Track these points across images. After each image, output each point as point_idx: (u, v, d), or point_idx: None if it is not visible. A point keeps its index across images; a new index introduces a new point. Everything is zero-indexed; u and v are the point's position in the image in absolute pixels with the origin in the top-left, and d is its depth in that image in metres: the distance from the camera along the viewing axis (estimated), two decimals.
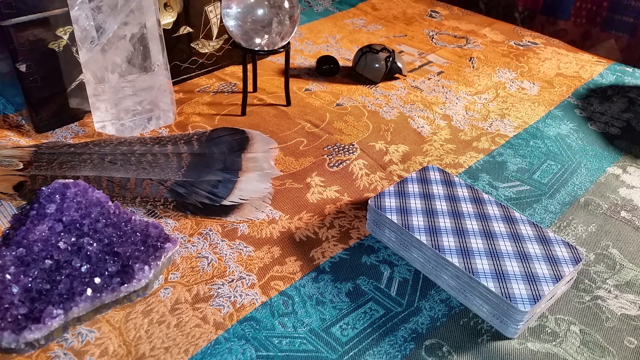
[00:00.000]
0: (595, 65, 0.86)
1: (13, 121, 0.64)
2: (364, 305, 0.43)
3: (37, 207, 0.44)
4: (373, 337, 0.41)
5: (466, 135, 0.67)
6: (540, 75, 0.82)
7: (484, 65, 0.84)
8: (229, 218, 0.51)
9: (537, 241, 0.45)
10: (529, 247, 0.44)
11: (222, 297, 0.43)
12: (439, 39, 0.93)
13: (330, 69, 0.78)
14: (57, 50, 0.59)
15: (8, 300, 0.38)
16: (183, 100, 0.71)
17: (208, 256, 0.47)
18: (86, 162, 0.54)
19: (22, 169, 0.54)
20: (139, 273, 0.42)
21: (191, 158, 0.57)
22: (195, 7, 0.71)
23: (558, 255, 0.43)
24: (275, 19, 0.60)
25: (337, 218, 0.52)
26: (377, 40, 0.92)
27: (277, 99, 0.72)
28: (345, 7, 1.06)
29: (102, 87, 0.59)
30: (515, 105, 0.74)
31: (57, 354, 0.39)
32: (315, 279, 0.45)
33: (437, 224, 0.46)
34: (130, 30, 0.57)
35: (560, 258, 0.43)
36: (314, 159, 0.61)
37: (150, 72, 0.61)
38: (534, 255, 0.43)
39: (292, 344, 0.40)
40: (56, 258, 0.41)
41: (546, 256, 0.43)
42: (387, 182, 0.57)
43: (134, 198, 0.52)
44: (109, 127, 0.62)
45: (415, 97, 0.74)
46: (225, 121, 0.67)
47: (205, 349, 0.39)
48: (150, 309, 0.42)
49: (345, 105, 0.72)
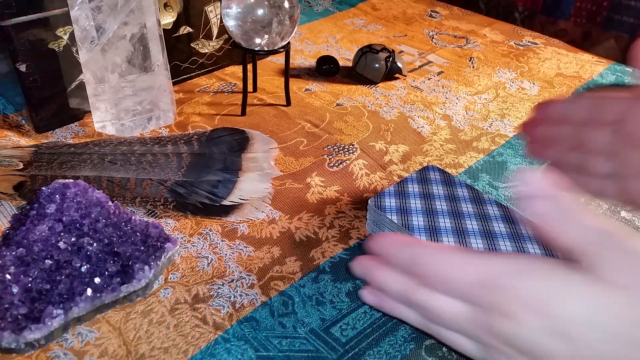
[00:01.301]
0: (595, 65, 0.86)
1: (13, 121, 0.64)
2: (364, 305, 0.43)
3: (37, 207, 0.44)
4: (373, 337, 0.41)
5: (466, 135, 0.67)
6: (540, 75, 0.82)
7: (484, 65, 0.84)
8: (229, 218, 0.51)
9: (538, 242, 0.45)
10: (529, 248, 0.44)
11: (222, 298, 0.43)
12: (439, 39, 0.93)
13: (330, 69, 0.78)
14: (57, 50, 0.59)
15: (8, 300, 0.38)
16: (183, 100, 0.71)
17: (208, 256, 0.47)
18: (86, 162, 0.54)
19: (22, 169, 0.54)
20: (139, 273, 0.42)
21: (191, 158, 0.57)
22: (195, 7, 0.71)
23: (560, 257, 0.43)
24: (275, 19, 0.60)
25: (337, 218, 0.52)
26: (377, 40, 0.92)
27: (277, 99, 0.72)
28: (345, 7, 1.06)
29: (102, 87, 0.59)
30: (516, 105, 0.74)
31: (57, 354, 0.39)
32: (315, 279, 0.45)
33: (437, 223, 0.46)
34: (130, 30, 0.57)
35: (562, 259, 0.43)
36: (314, 159, 0.61)
37: (150, 72, 0.61)
38: None
39: (292, 344, 0.40)
40: (56, 258, 0.41)
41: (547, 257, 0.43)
42: (387, 182, 0.57)
43: (134, 198, 0.52)
44: (109, 127, 0.62)
45: (415, 97, 0.74)
46: (225, 121, 0.67)
47: (204, 349, 0.39)
48: (150, 309, 0.42)
49: (345, 105, 0.72)
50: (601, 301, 0.25)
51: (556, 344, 0.25)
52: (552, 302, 0.25)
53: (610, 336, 0.24)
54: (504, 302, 0.27)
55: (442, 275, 0.29)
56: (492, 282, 0.28)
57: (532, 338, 0.26)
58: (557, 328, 0.25)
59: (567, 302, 0.25)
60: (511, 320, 0.27)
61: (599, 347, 0.24)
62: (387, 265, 0.32)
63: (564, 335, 0.25)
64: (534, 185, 0.28)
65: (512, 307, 0.26)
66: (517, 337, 0.27)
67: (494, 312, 0.27)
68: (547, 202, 0.28)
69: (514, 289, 0.27)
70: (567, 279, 0.26)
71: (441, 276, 0.29)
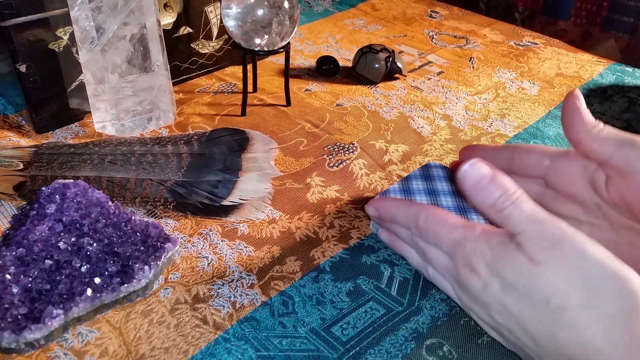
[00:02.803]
0: (595, 65, 0.86)
1: (13, 121, 0.64)
2: (365, 304, 0.43)
3: (37, 207, 0.44)
4: (374, 337, 0.41)
5: (466, 135, 0.67)
6: (540, 75, 0.82)
7: (484, 65, 0.84)
8: (229, 218, 0.51)
9: None
10: None
11: (222, 298, 0.43)
12: (439, 39, 0.93)
13: (330, 69, 0.78)
14: (57, 50, 0.59)
15: (8, 300, 0.38)
16: (183, 100, 0.71)
17: (208, 256, 0.47)
18: (86, 163, 0.54)
19: (22, 169, 0.54)
20: (139, 273, 0.42)
21: (191, 158, 0.57)
22: (195, 8, 0.71)
23: None
24: (275, 19, 0.60)
25: (337, 218, 0.52)
26: (377, 41, 0.92)
27: (277, 99, 0.72)
28: (345, 7, 1.06)
29: (102, 87, 0.59)
30: (515, 105, 0.74)
31: (57, 354, 0.38)
32: (316, 278, 0.45)
33: None
34: (130, 30, 0.57)
35: None
36: (314, 159, 0.61)
37: (150, 72, 0.61)
38: None
39: (293, 343, 0.40)
40: (56, 258, 0.41)
41: None
42: (387, 182, 0.57)
43: (134, 198, 0.52)
44: (109, 127, 0.62)
45: (415, 97, 0.74)
46: (225, 121, 0.67)
47: (205, 349, 0.39)
48: (150, 309, 0.42)
49: (345, 105, 0.72)
50: (524, 272, 0.33)
51: (496, 300, 0.35)
52: (500, 267, 0.34)
53: (523, 298, 0.33)
54: (468, 260, 0.36)
55: (434, 232, 0.39)
56: (463, 243, 0.36)
57: (485, 291, 0.35)
58: (503, 286, 0.34)
59: (507, 269, 0.34)
60: (472, 273, 0.36)
61: (507, 297, 0.34)
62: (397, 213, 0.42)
63: (502, 293, 0.34)
64: (474, 172, 0.36)
65: (473, 264, 0.35)
66: (475, 288, 0.36)
67: (463, 266, 0.36)
68: (487, 187, 0.36)
69: (474, 251, 0.35)
70: (508, 250, 0.34)
71: (433, 233, 0.39)
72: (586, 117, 0.40)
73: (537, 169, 0.45)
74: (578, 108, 0.41)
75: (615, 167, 0.39)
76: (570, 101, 0.41)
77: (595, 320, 0.31)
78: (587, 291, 0.32)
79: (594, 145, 0.40)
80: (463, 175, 0.36)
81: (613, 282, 0.32)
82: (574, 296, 0.32)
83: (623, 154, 0.38)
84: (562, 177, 0.44)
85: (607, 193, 0.41)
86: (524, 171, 0.46)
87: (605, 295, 0.32)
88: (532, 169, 0.46)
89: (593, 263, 0.32)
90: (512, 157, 0.47)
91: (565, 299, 0.32)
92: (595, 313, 0.31)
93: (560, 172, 0.44)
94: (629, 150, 0.38)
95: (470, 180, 0.36)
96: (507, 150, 0.47)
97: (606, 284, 0.32)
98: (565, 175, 0.43)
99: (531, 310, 0.33)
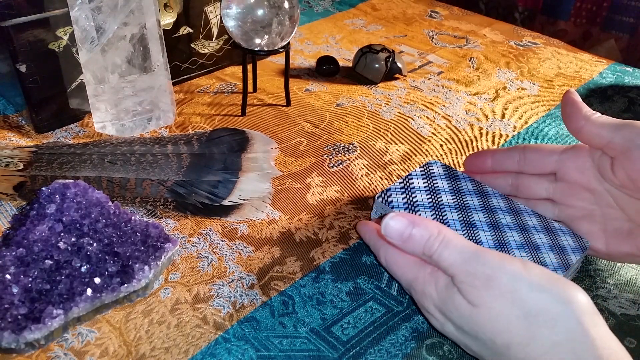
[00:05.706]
0: (595, 65, 0.86)
1: (13, 122, 0.64)
2: (365, 304, 0.43)
3: (37, 207, 0.44)
4: (374, 336, 0.41)
5: (466, 135, 0.67)
6: (540, 75, 0.82)
7: (484, 65, 0.84)
8: (229, 218, 0.51)
9: (543, 231, 0.45)
10: (535, 237, 0.44)
11: (222, 298, 0.43)
12: (439, 39, 0.93)
13: (330, 69, 0.78)
14: (57, 50, 0.59)
15: (8, 300, 0.38)
16: (183, 100, 0.71)
17: (208, 256, 0.47)
18: (86, 163, 0.54)
19: (22, 169, 0.54)
20: (139, 273, 0.42)
21: (191, 158, 0.57)
22: (195, 8, 0.71)
23: (564, 245, 0.44)
24: (275, 19, 0.60)
25: (337, 219, 0.52)
26: (377, 41, 0.92)
27: (277, 99, 0.72)
28: (345, 7, 1.06)
29: (102, 87, 0.59)
30: (515, 105, 0.74)
31: (57, 354, 0.38)
32: (316, 278, 0.45)
33: (445, 217, 0.46)
34: (130, 30, 0.57)
35: (566, 247, 0.43)
36: (314, 159, 0.60)
37: (150, 72, 0.61)
38: (542, 245, 0.43)
39: (293, 343, 0.40)
40: (56, 258, 0.41)
41: (553, 245, 0.43)
42: (387, 182, 0.57)
43: (134, 198, 0.52)
44: (109, 127, 0.62)
45: (415, 97, 0.74)
46: (225, 121, 0.67)
47: (205, 349, 0.39)
48: (151, 309, 0.42)
49: (345, 105, 0.72)
50: (466, 315, 0.34)
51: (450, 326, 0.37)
52: (447, 311, 0.36)
53: (473, 338, 0.35)
54: (421, 302, 0.39)
55: (393, 272, 0.41)
56: (414, 286, 0.39)
57: (444, 329, 0.38)
58: (455, 327, 0.36)
59: (454, 313, 0.35)
60: (428, 313, 0.38)
61: (462, 337, 0.36)
62: None
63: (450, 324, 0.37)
64: (397, 225, 0.37)
65: (425, 306, 0.39)
66: (435, 325, 0.39)
67: (420, 306, 0.39)
68: (412, 234, 0.37)
69: (423, 293, 0.38)
70: (451, 293, 0.35)
71: (392, 272, 0.41)
72: (584, 107, 0.44)
73: (548, 164, 0.48)
74: (575, 101, 0.44)
75: (616, 146, 0.41)
76: (568, 97, 0.45)
77: (543, 352, 0.32)
78: (527, 326, 0.32)
79: (594, 130, 0.43)
80: (386, 228, 0.37)
81: (551, 309, 0.32)
82: (515, 334, 0.32)
83: (622, 134, 0.41)
84: (572, 167, 0.46)
85: (614, 175, 0.43)
86: (536, 169, 0.48)
87: (545, 325, 0.32)
88: (544, 165, 0.48)
89: (527, 294, 0.32)
90: (524, 157, 0.49)
91: (507, 338, 0.32)
92: (539, 345, 0.32)
93: (570, 164, 0.46)
94: (627, 131, 0.41)
95: (394, 233, 0.37)
96: (516, 151, 0.49)
97: (544, 314, 0.32)
98: (575, 165, 0.46)
99: (485, 348, 0.34)
